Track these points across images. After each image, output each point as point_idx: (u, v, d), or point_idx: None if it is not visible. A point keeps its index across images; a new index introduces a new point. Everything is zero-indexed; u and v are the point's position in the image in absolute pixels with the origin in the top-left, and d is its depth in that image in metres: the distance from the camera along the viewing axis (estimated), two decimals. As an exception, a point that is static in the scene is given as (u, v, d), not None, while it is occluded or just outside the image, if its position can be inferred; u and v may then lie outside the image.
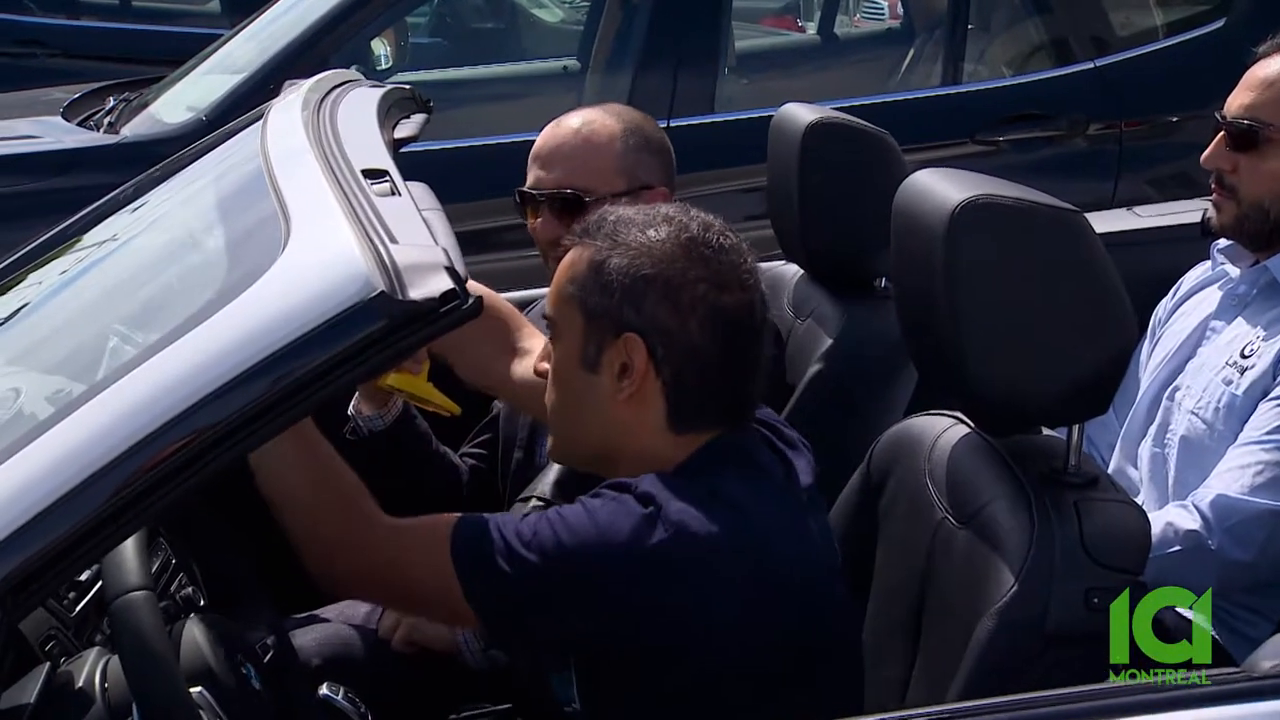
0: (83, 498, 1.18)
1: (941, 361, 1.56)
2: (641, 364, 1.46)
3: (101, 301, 1.74)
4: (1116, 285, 1.50)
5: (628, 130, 2.11)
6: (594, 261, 1.49)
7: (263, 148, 1.53)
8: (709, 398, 1.49)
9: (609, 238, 1.49)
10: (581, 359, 1.49)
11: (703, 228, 1.50)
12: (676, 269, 1.46)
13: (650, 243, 1.48)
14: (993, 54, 4.39)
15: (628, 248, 1.48)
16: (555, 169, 2.07)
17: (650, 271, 1.46)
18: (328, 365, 1.21)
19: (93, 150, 3.76)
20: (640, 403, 1.48)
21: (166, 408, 1.19)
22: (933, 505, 1.59)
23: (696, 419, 1.49)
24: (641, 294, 1.46)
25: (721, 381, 1.49)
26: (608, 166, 2.07)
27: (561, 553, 1.38)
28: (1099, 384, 1.52)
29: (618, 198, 2.04)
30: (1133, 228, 2.71)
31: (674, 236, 1.48)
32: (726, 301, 1.48)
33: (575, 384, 1.50)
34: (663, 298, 1.46)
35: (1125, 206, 3.05)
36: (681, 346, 1.46)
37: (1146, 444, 2.14)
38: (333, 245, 1.25)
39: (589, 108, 2.17)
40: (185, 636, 1.43)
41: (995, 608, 1.44)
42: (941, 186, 1.52)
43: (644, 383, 1.47)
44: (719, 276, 1.47)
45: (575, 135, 2.09)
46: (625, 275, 1.47)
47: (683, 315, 1.46)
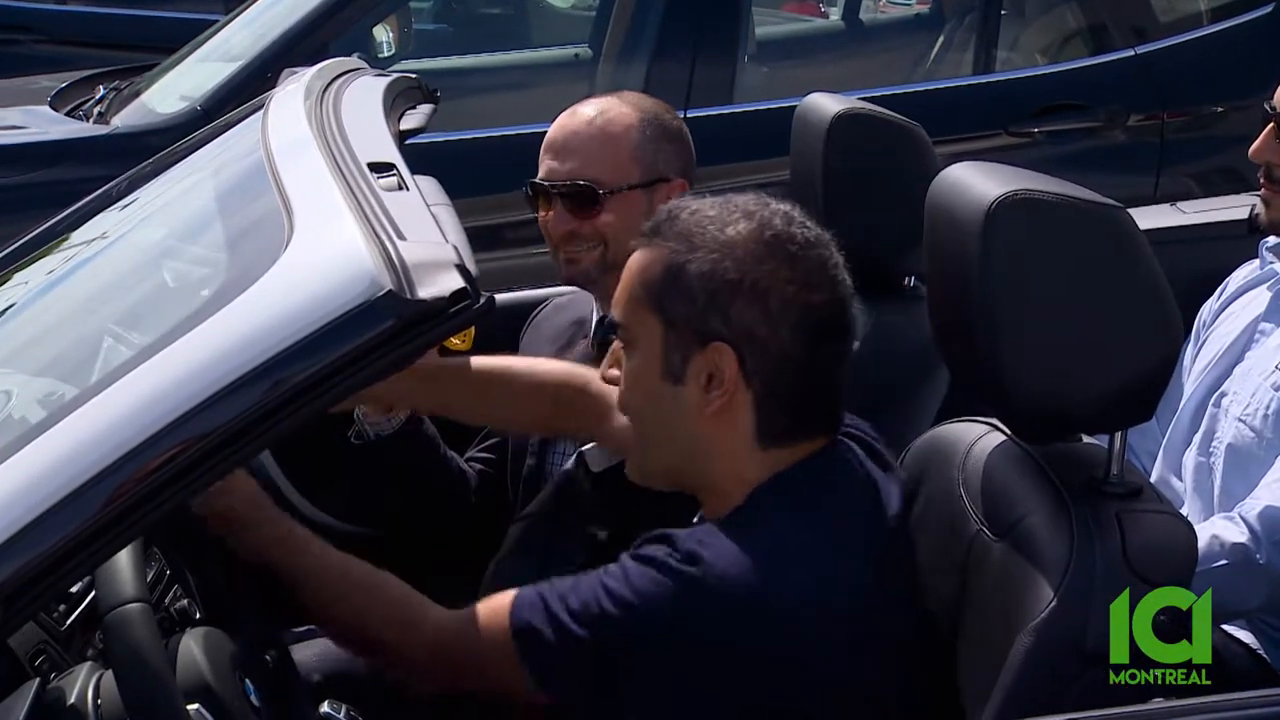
0: (74, 508, 1.19)
1: (976, 365, 1.56)
2: (732, 374, 1.44)
3: (94, 301, 1.75)
4: (1162, 285, 1.49)
5: (645, 120, 2.10)
6: (671, 265, 1.46)
7: (264, 139, 1.53)
8: (801, 408, 1.48)
9: (684, 238, 1.47)
10: (664, 370, 1.47)
11: (785, 221, 1.48)
12: (764, 271, 1.44)
13: (731, 242, 1.45)
14: (1027, 41, 4.39)
15: (708, 250, 1.45)
16: (569, 160, 2.07)
17: (735, 275, 1.44)
18: (332, 369, 1.21)
19: (82, 141, 3.77)
20: (728, 416, 1.46)
21: (160, 414, 1.20)
22: (967, 517, 1.58)
23: (786, 432, 1.48)
24: (728, 300, 1.44)
25: (814, 389, 1.47)
26: (624, 158, 2.06)
27: (608, 623, 1.39)
28: (1143, 389, 1.52)
29: (633, 190, 2.05)
30: (1176, 225, 2.70)
31: (756, 234, 1.46)
32: (817, 301, 1.46)
33: (657, 396, 1.48)
34: (750, 303, 1.44)
35: (1168, 202, 3.05)
36: (773, 354, 1.45)
37: (1191, 453, 2.14)
38: (338, 242, 1.25)
39: (604, 96, 2.17)
40: (182, 651, 1.43)
41: (1032, 625, 1.43)
42: (978, 181, 1.52)
43: (734, 394, 1.45)
44: (808, 275, 1.46)
45: (590, 125, 2.08)
46: (709, 280, 1.44)
47: (773, 321, 1.44)
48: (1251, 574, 1.91)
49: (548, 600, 1.43)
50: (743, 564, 1.37)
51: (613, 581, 1.40)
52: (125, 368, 1.26)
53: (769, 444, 1.47)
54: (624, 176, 2.06)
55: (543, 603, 1.43)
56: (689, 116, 3.76)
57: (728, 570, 1.37)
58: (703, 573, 1.36)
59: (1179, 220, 2.74)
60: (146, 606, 1.41)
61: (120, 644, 1.36)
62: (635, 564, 1.40)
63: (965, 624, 1.57)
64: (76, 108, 4.08)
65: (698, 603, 1.36)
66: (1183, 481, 2.15)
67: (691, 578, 1.36)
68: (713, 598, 1.36)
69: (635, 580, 1.39)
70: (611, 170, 2.06)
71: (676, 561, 1.38)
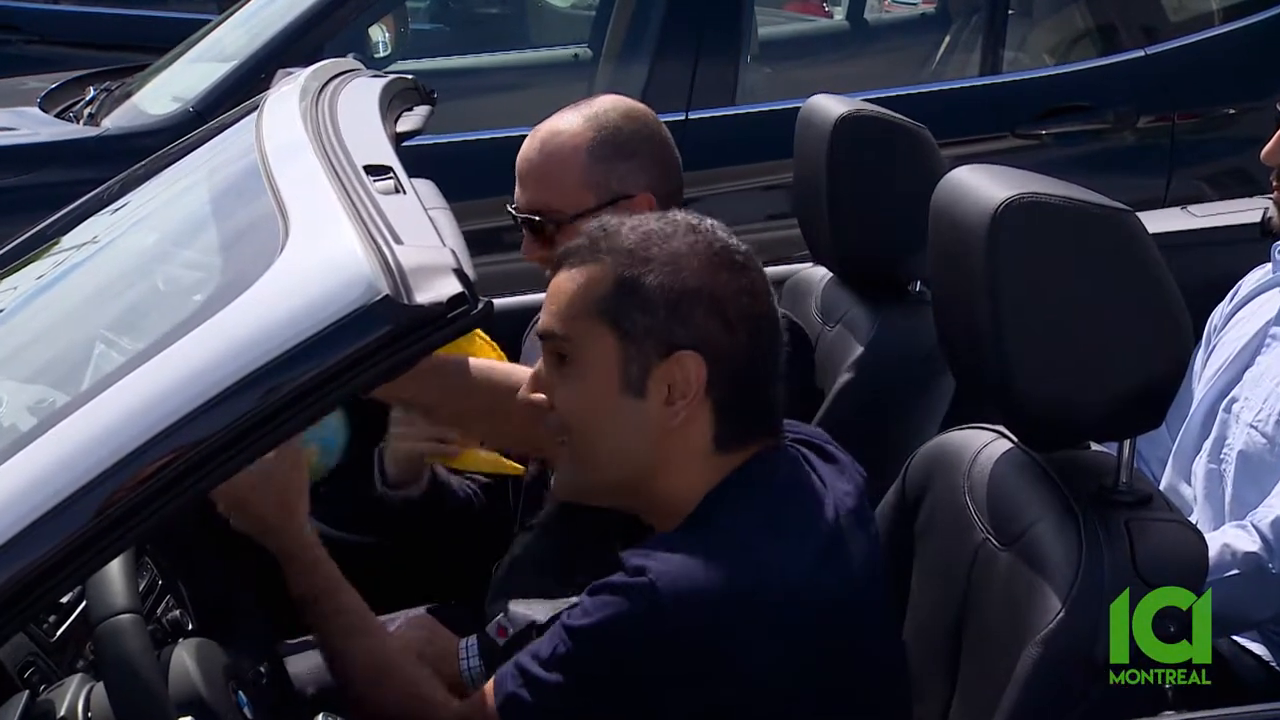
0: (65, 517, 1.19)
1: (982, 371, 1.56)
2: (699, 382, 1.47)
3: (86, 307, 1.75)
4: (1172, 290, 1.49)
5: (598, 138, 2.03)
6: (623, 279, 1.48)
7: (258, 141, 1.54)
8: (753, 413, 1.52)
9: (629, 253, 1.49)
10: (622, 384, 1.48)
11: (726, 234, 1.54)
12: (719, 281, 1.49)
13: (681, 254, 1.49)
14: (1035, 41, 4.39)
15: (661, 262, 1.49)
16: (527, 188, 2.05)
17: (694, 285, 1.48)
18: (327, 375, 1.21)
19: (72, 143, 3.77)
20: (688, 425, 1.49)
21: (153, 422, 1.20)
22: (973, 526, 1.59)
23: (742, 434, 1.51)
24: (689, 310, 1.48)
25: (763, 392, 1.52)
26: (574, 183, 2.02)
27: (578, 659, 1.41)
28: (1152, 396, 1.52)
29: (588, 214, 1.96)
30: (1187, 228, 2.71)
31: (704, 246, 1.51)
32: (762, 310, 1.52)
33: (613, 411, 1.49)
34: (711, 312, 1.48)
35: (1178, 206, 3.06)
36: (733, 361, 1.49)
37: (1201, 460, 2.14)
38: (334, 246, 1.25)
39: (572, 107, 2.11)
40: (174, 663, 1.43)
41: (1040, 636, 1.44)
42: (984, 184, 1.53)
43: (695, 402, 1.48)
44: (753, 285, 1.51)
45: (541, 151, 2.04)
46: (668, 291, 1.48)
47: (732, 329, 1.49)
48: (1264, 584, 1.91)
49: (521, 664, 1.47)
50: (690, 563, 1.40)
51: (572, 619, 1.43)
52: (117, 374, 1.26)
53: (724, 449, 1.51)
54: (578, 202, 2.01)
55: (517, 669, 1.47)
56: (690, 118, 3.78)
57: (675, 571, 1.39)
58: (651, 579, 1.39)
59: (1189, 224, 2.75)
60: (138, 617, 1.41)
61: (111, 655, 1.37)
62: (589, 596, 1.43)
63: (971, 635, 1.57)
64: (66, 109, 4.08)
65: (650, 607, 1.38)
66: (1193, 489, 2.15)
67: (640, 586, 1.39)
68: (665, 599, 1.38)
69: (591, 610, 1.42)
70: (562, 197, 2.02)
71: (625, 577, 1.40)
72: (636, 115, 2.10)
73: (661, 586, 1.38)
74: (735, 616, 1.39)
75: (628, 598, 1.40)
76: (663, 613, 1.38)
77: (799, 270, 2.51)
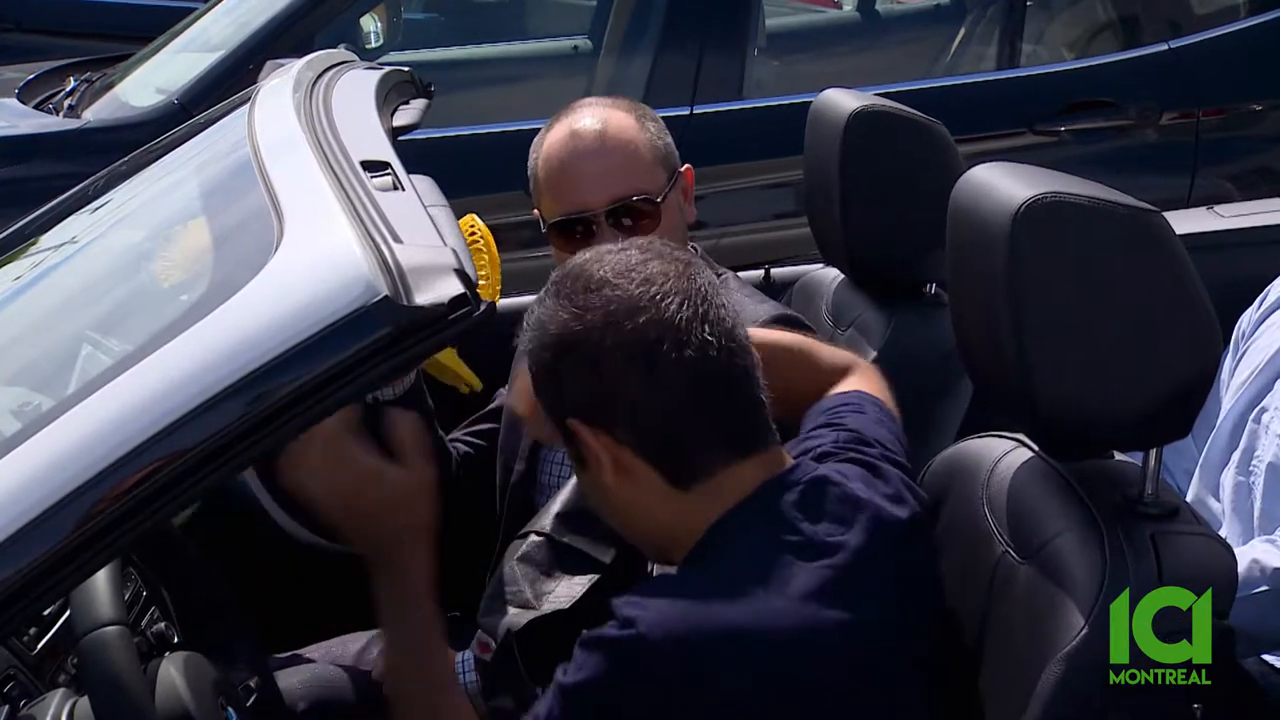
0: (47, 528, 1.19)
1: (1002, 377, 1.56)
2: (594, 441, 1.48)
3: (69, 308, 1.75)
4: (1200, 294, 1.50)
5: (639, 115, 2.13)
6: (527, 370, 1.54)
7: (250, 135, 1.54)
8: (689, 437, 1.48)
9: (522, 337, 1.53)
10: (573, 463, 1.55)
11: (573, 269, 1.51)
12: (567, 331, 1.47)
13: (539, 319, 1.51)
14: (1053, 34, 4.40)
15: (531, 338, 1.51)
16: (599, 185, 2.06)
17: (551, 350, 1.48)
18: (323, 379, 1.22)
19: (51, 136, 3.78)
20: (630, 477, 1.49)
21: (139, 429, 1.20)
22: (992, 538, 1.59)
23: (695, 468, 1.49)
24: (557, 374, 1.49)
25: (687, 414, 1.47)
26: (648, 163, 2.09)
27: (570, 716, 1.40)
28: (1179, 403, 1.52)
29: (669, 193, 2.09)
30: (1212, 229, 2.71)
31: (549, 298, 1.50)
32: (630, 333, 1.46)
33: (586, 488, 1.56)
34: (573, 365, 1.47)
35: (1204, 205, 3.06)
36: (619, 402, 1.47)
37: (1229, 471, 2.14)
38: (330, 245, 1.26)
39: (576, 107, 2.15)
40: (161, 676, 1.44)
41: (1062, 653, 1.44)
42: (1004, 183, 1.53)
43: (616, 456, 1.48)
44: (606, 316, 1.46)
45: (603, 144, 2.08)
46: (539, 365, 1.51)
47: (597, 371, 1.46)
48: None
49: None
50: (679, 608, 1.39)
51: (565, 677, 1.43)
52: (102, 379, 1.27)
53: (687, 484, 1.49)
54: (658, 180, 2.09)
55: None
56: (695, 113, 3.79)
57: (659, 622, 1.38)
58: (635, 633, 1.38)
59: (1215, 225, 2.75)
60: (124, 629, 1.41)
61: (96, 669, 1.37)
62: (579, 650, 1.42)
63: (990, 651, 1.57)
64: (46, 100, 4.09)
65: (636, 662, 1.38)
66: (1220, 502, 2.15)
67: (624, 641, 1.38)
68: (652, 649, 1.37)
69: (581, 665, 1.41)
70: (648, 179, 2.08)
71: (615, 630, 1.40)
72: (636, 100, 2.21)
73: (651, 638, 1.37)
74: (723, 661, 1.38)
75: (615, 653, 1.39)
76: (650, 665, 1.37)
77: (809, 272, 2.51)
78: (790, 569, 1.43)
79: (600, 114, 2.11)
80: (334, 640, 2.21)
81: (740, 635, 1.39)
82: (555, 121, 2.14)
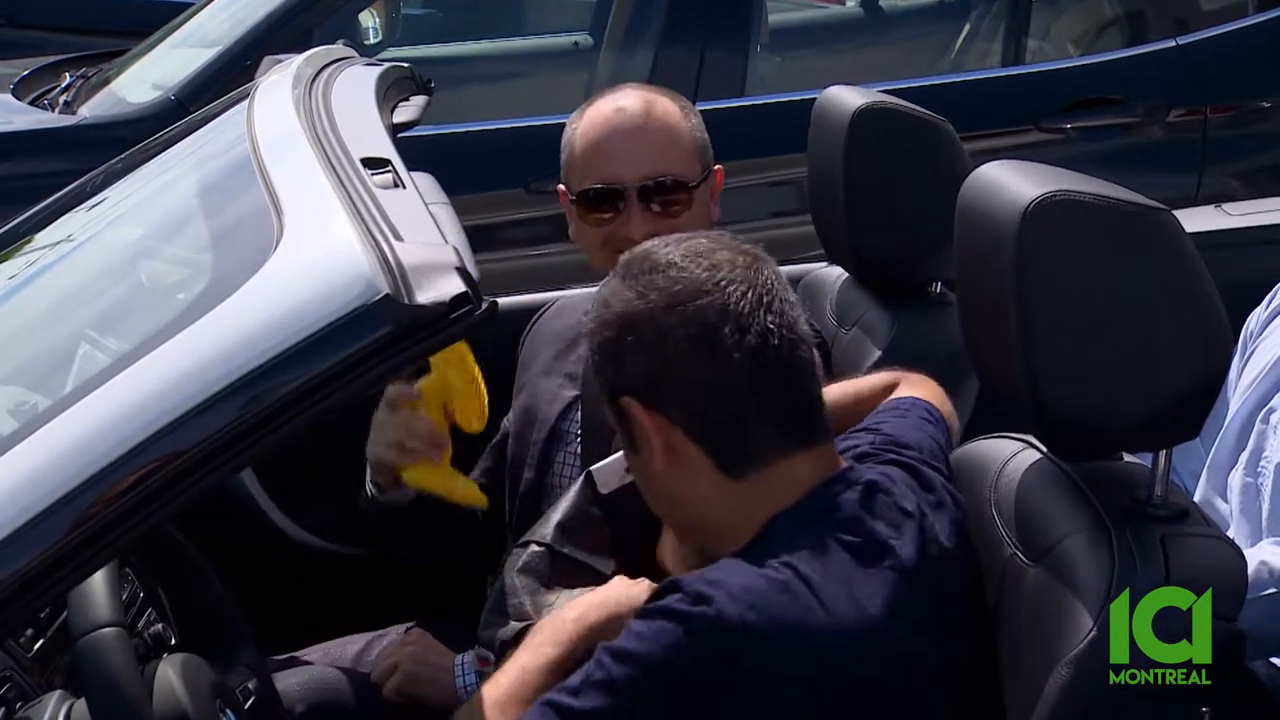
0: (43, 529, 1.19)
1: (1009, 377, 1.56)
2: (648, 423, 1.49)
3: (66, 307, 1.75)
4: (1211, 293, 1.49)
5: (683, 107, 2.16)
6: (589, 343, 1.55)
7: (250, 132, 1.54)
8: (743, 425, 1.50)
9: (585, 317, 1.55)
10: (625, 446, 1.56)
11: (644, 251, 1.54)
12: (633, 308, 1.49)
13: (604, 298, 1.53)
14: (1060, 30, 4.40)
15: (593, 317, 1.53)
16: (642, 158, 2.08)
17: (613, 329, 1.50)
18: (323, 379, 1.22)
19: (47, 133, 3.79)
20: (681, 462, 1.50)
21: (137, 429, 1.20)
22: (999, 540, 1.59)
23: (749, 457, 1.50)
24: (618, 354, 1.50)
25: (743, 401, 1.49)
26: (688, 150, 2.12)
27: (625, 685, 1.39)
28: (1189, 404, 1.52)
29: (702, 184, 2.12)
30: (1220, 228, 2.71)
31: (619, 277, 1.53)
32: (691, 316, 1.48)
33: (636, 471, 1.57)
34: (633, 346, 1.49)
35: (1211, 204, 3.06)
36: (676, 384, 1.48)
37: (1237, 473, 2.14)
38: (331, 243, 1.26)
39: (621, 89, 2.17)
40: (159, 678, 1.44)
41: (1070, 656, 1.43)
42: (1013, 181, 1.53)
43: (668, 439, 1.49)
44: (670, 296, 1.49)
45: (649, 119, 2.11)
46: (598, 342, 1.52)
47: (656, 353, 1.48)
48: (1303, 603, 1.92)
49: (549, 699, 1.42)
50: (748, 595, 1.39)
51: (620, 642, 1.41)
52: (99, 378, 1.27)
53: (739, 474, 1.50)
54: (694, 169, 2.12)
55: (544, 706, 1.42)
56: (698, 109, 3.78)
57: (739, 604, 1.38)
58: (716, 611, 1.38)
59: (1223, 223, 2.75)
60: (122, 631, 1.41)
61: (93, 671, 1.37)
62: (640, 620, 1.42)
63: (998, 654, 1.57)
64: (41, 96, 4.09)
65: (713, 641, 1.37)
66: (1228, 503, 2.15)
67: (703, 617, 1.38)
68: (729, 635, 1.37)
69: (643, 633, 1.40)
70: (685, 165, 2.11)
71: (687, 604, 1.39)
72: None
73: (728, 615, 1.37)
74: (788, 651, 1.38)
75: (689, 627, 1.38)
76: (724, 642, 1.37)
77: (813, 270, 2.51)
78: (852, 570, 1.44)
79: (647, 96, 2.15)
80: (332, 642, 2.21)
81: (806, 628, 1.39)
82: (597, 98, 2.17)
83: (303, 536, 2.34)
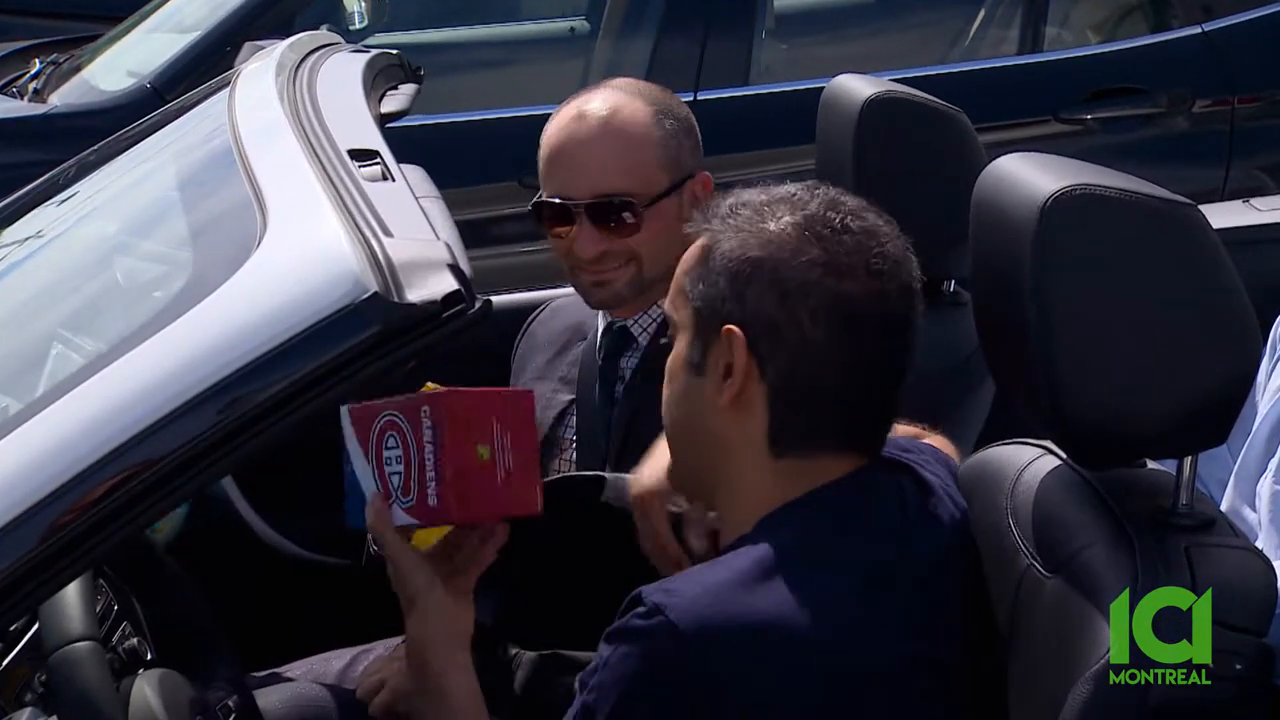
0: (11, 540, 1.19)
1: (1027, 380, 1.57)
2: (742, 360, 1.48)
3: (37, 306, 1.75)
4: (1239, 292, 1.50)
5: (659, 113, 2.10)
6: (704, 248, 1.52)
7: (231, 122, 1.55)
8: (818, 408, 1.50)
9: (724, 220, 1.52)
10: (688, 359, 1.53)
11: (825, 206, 1.52)
12: (788, 251, 1.48)
13: (762, 223, 1.50)
14: (1079, 16, 4.41)
15: (737, 230, 1.51)
16: (589, 173, 2.05)
17: (756, 254, 1.48)
18: (308, 381, 1.22)
19: (15, 122, 3.80)
20: (742, 411, 1.49)
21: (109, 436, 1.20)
22: (1017, 550, 1.59)
23: (802, 439, 1.50)
24: (745, 281, 1.48)
25: (835, 389, 1.50)
26: (650, 163, 2.06)
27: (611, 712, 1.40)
28: (1216, 409, 1.52)
29: (665, 197, 2.06)
30: (1248, 224, 2.71)
31: (789, 215, 1.51)
32: (847, 290, 1.48)
33: (683, 390, 1.54)
34: (770, 285, 1.47)
35: (1239, 198, 3.06)
36: (790, 342, 1.48)
37: (1266, 480, 2.14)
38: (317, 238, 1.26)
39: (599, 88, 2.14)
40: (135, 695, 1.44)
41: (1090, 672, 1.44)
42: (1032, 174, 1.53)
43: (746, 385, 1.48)
44: (838, 261, 1.48)
45: (605, 129, 2.06)
46: (730, 260, 1.49)
47: (790, 304, 1.47)
48: (1334, 617, 1.92)
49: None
50: (710, 593, 1.40)
51: (593, 676, 1.43)
52: (73, 380, 1.27)
53: (782, 451, 1.50)
54: (654, 184, 2.06)
55: None
56: (699, 99, 3.79)
57: (690, 609, 1.39)
58: (667, 619, 1.39)
59: (1251, 218, 2.75)
60: (96, 645, 1.42)
61: (67, 686, 1.37)
62: (606, 643, 1.43)
63: (1014, 670, 1.57)
64: (9, 84, 4.10)
65: (669, 653, 1.38)
66: (1257, 513, 2.15)
67: (653, 630, 1.39)
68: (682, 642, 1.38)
69: (609, 659, 1.41)
70: (640, 180, 2.05)
71: (641, 620, 1.40)
72: (670, 92, 2.19)
73: (675, 629, 1.38)
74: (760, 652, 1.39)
75: (639, 644, 1.39)
76: (678, 654, 1.38)
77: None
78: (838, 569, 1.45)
79: (615, 101, 2.09)
80: (316, 657, 2.21)
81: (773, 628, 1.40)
82: (574, 97, 2.14)
83: (285, 546, 2.34)
